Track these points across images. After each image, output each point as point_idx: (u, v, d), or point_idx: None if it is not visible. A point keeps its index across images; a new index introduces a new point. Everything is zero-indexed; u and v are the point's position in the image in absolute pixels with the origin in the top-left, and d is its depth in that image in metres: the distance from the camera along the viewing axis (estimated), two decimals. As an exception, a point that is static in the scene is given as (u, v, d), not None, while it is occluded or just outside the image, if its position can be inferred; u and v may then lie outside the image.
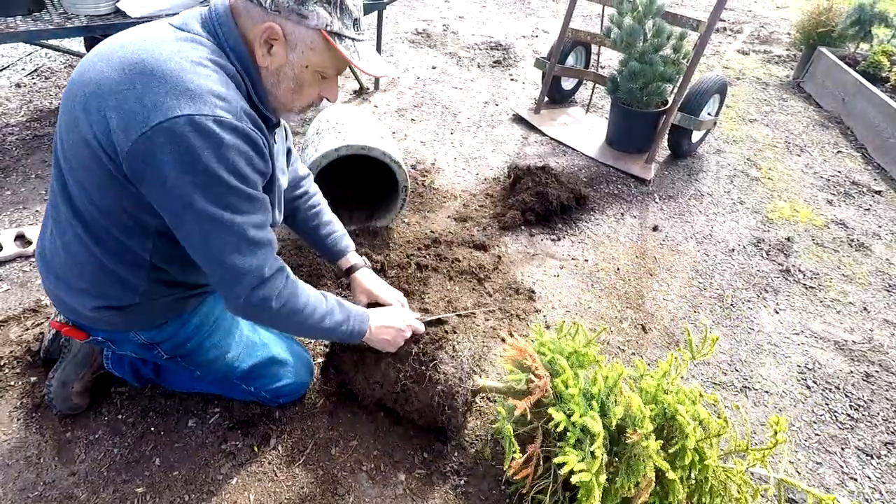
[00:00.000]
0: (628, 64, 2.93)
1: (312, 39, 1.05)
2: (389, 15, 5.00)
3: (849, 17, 4.12)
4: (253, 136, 1.02)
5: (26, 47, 3.77)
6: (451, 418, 1.45)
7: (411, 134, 3.24)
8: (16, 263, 2.06)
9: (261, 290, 1.11)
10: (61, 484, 1.40)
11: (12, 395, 1.58)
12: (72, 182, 1.08)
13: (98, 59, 1.02)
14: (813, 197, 3.00)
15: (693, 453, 1.21)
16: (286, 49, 1.05)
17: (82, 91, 1.00)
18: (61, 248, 1.16)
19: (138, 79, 0.95)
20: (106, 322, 1.23)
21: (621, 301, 2.19)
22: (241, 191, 1.02)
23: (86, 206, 1.08)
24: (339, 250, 1.57)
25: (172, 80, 0.94)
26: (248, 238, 1.06)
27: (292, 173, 1.50)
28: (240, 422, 1.56)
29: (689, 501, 1.29)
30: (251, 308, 1.12)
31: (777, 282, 2.38)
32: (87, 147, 1.00)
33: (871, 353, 2.06)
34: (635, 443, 1.18)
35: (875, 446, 1.73)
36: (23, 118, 3.00)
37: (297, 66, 1.07)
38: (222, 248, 1.04)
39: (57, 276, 1.20)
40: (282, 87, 1.10)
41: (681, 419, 1.21)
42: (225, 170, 0.98)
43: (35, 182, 2.51)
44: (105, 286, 1.17)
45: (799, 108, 3.99)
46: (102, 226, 1.09)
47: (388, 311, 1.42)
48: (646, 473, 1.16)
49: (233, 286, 1.09)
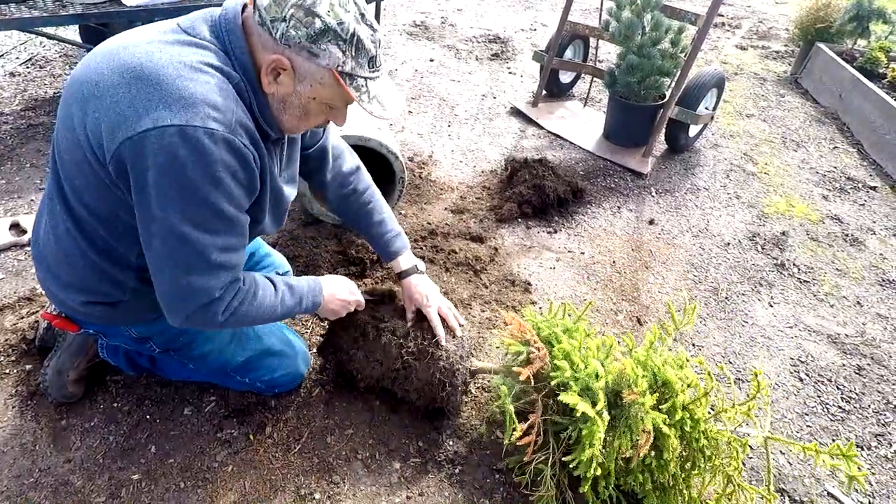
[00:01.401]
0: (626, 57, 2.93)
1: (322, 76, 1.01)
2: (387, 7, 4.98)
3: (847, 13, 4.12)
4: (243, 151, 0.99)
5: (20, 35, 3.74)
6: (450, 396, 1.47)
7: (409, 126, 3.23)
8: (10, 252, 2.06)
9: (208, 309, 1.08)
10: (57, 471, 1.40)
11: (7, 383, 1.58)
12: (65, 178, 1.07)
13: (101, 58, 1.00)
14: (808, 192, 3.01)
15: (684, 412, 1.26)
16: (294, 80, 1.01)
17: (81, 90, 0.99)
18: (53, 241, 1.16)
19: (134, 84, 0.93)
20: (97, 316, 1.24)
21: (617, 293, 2.20)
22: (219, 210, 1.00)
23: (77, 204, 1.07)
24: (391, 252, 1.52)
25: (167, 87, 0.92)
26: (209, 261, 1.03)
27: (336, 170, 1.48)
28: (235, 410, 1.57)
29: (683, 460, 1.33)
30: (194, 323, 1.11)
31: (771, 276, 2.39)
32: (79, 148, 0.99)
33: (864, 346, 2.08)
34: (632, 402, 1.22)
35: (866, 438, 1.75)
36: (17, 107, 2.97)
37: (304, 96, 1.04)
38: (181, 265, 1.02)
39: (48, 269, 1.20)
40: (287, 114, 1.07)
41: (670, 377, 1.27)
42: (208, 184, 0.96)
43: (30, 171, 2.49)
44: (94, 282, 1.17)
45: (796, 104, 4.00)
46: (92, 225, 1.09)
47: (337, 282, 1.41)
48: (643, 428, 1.21)
49: (179, 302, 1.07)
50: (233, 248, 1.07)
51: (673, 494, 1.34)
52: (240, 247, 1.10)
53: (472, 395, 1.69)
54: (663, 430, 1.22)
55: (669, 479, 1.30)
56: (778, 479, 1.59)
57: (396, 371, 1.48)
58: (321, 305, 1.34)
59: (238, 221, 1.06)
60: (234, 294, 1.11)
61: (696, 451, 1.30)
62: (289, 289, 1.26)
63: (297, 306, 1.27)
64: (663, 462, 1.27)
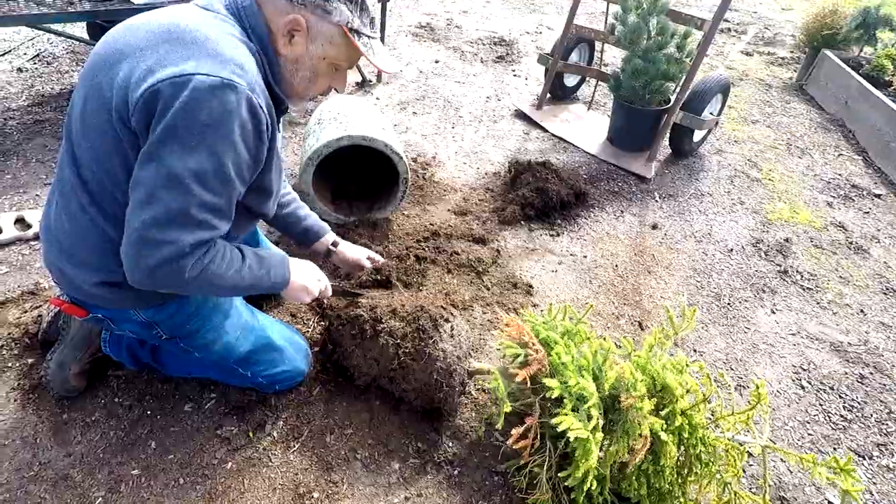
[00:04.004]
0: (631, 61, 2.92)
1: (333, 34, 1.11)
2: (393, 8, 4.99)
3: (853, 20, 4.12)
4: (260, 114, 1.04)
5: (28, 32, 3.76)
6: (448, 396, 1.48)
7: (413, 127, 3.24)
8: (15, 246, 2.07)
9: (176, 262, 1.03)
10: (57, 464, 1.41)
11: (10, 377, 1.59)
12: (83, 150, 1.08)
13: (124, 31, 1.06)
14: (813, 199, 3.00)
15: (682, 418, 1.26)
16: (307, 40, 1.11)
17: (107, 60, 1.04)
18: (66, 220, 1.17)
19: (162, 45, 0.99)
20: (106, 299, 1.23)
21: (619, 298, 2.20)
22: (221, 164, 1.01)
23: (94, 174, 1.09)
24: (320, 229, 1.70)
25: (198, 46, 0.98)
26: (190, 214, 1.01)
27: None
28: (236, 407, 1.57)
29: (680, 466, 1.33)
30: (158, 278, 1.05)
31: (774, 282, 2.38)
32: (107, 111, 1.02)
33: (866, 355, 2.07)
34: (630, 406, 1.22)
35: (867, 447, 1.74)
36: (24, 103, 2.99)
37: (315, 57, 1.13)
38: (162, 211, 0.99)
39: (60, 249, 1.20)
40: (298, 76, 1.15)
41: (670, 382, 1.27)
42: (220, 136, 0.98)
43: (35, 166, 2.51)
44: (107, 258, 1.17)
45: (801, 111, 3.99)
46: (109, 194, 1.10)
47: (306, 269, 1.40)
48: (641, 433, 1.21)
49: (147, 250, 1.01)
50: (218, 210, 1.06)
51: (669, 501, 1.33)
52: (225, 213, 1.09)
53: (471, 397, 1.69)
54: (661, 436, 1.22)
55: (665, 485, 1.30)
56: (778, 487, 1.59)
57: (394, 371, 1.49)
58: (288, 287, 1.32)
59: (233, 185, 1.06)
60: (204, 252, 1.08)
61: (694, 457, 1.30)
62: (257, 259, 1.24)
63: (266, 277, 1.24)
64: (660, 468, 1.26)
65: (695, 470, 1.32)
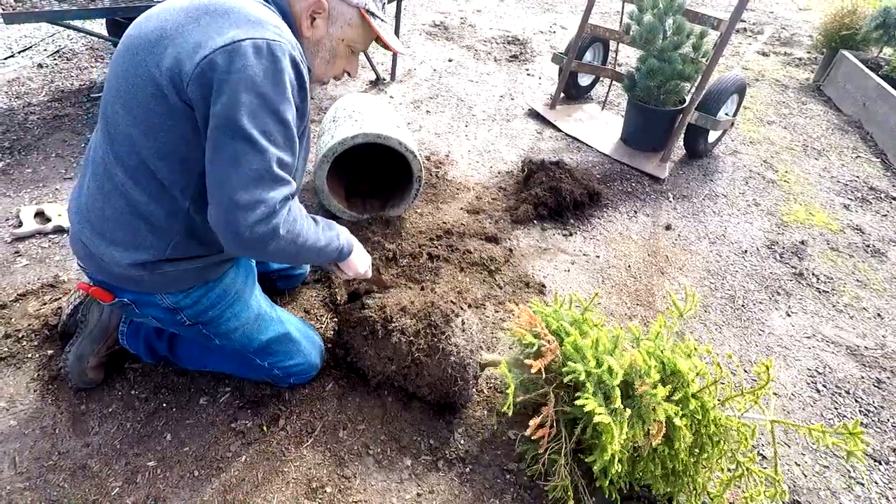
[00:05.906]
0: (647, 61, 2.91)
1: (351, 16, 1.21)
2: (408, 6, 5.00)
3: (873, 20, 4.06)
4: (301, 68, 1.10)
5: (49, 28, 3.82)
6: (462, 390, 1.50)
7: (426, 125, 3.24)
8: (34, 239, 2.10)
9: (269, 221, 1.07)
10: (75, 455, 1.43)
11: (29, 367, 1.62)
12: (122, 127, 1.11)
13: (159, 11, 1.10)
14: (829, 201, 2.96)
15: (695, 401, 1.29)
16: (327, 23, 1.20)
17: (145, 40, 1.07)
18: (101, 200, 1.19)
19: (203, 18, 1.04)
20: (135, 281, 1.24)
21: (631, 298, 2.19)
22: (283, 119, 1.06)
23: (133, 149, 1.11)
24: None
25: (234, 14, 1.04)
26: (272, 171, 1.06)
27: None
28: (250, 401, 1.59)
29: (692, 447, 1.35)
30: (253, 242, 1.07)
31: (790, 285, 2.36)
32: (155, 86, 1.05)
33: (883, 359, 2.04)
34: (644, 392, 1.24)
35: (884, 452, 1.72)
36: (44, 98, 3.04)
37: (335, 38, 1.23)
38: (245, 172, 1.03)
39: (93, 228, 1.22)
40: (318, 58, 1.25)
41: (681, 367, 1.29)
42: (278, 92, 1.04)
43: (55, 161, 2.55)
44: (140, 235, 1.18)
45: (818, 112, 3.94)
46: (147, 169, 1.12)
47: (361, 250, 1.45)
48: (656, 418, 1.23)
49: (241, 214, 1.04)
50: (288, 165, 1.11)
51: (682, 479, 1.35)
52: (293, 167, 1.14)
53: (483, 395, 1.70)
54: (675, 422, 1.23)
55: (680, 465, 1.32)
56: (793, 491, 1.57)
57: (408, 368, 1.50)
58: (350, 256, 1.37)
59: (294, 138, 1.11)
60: (287, 209, 1.11)
61: (706, 436, 1.31)
62: (325, 222, 1.30)
63: (336, 240, 1.30)
64: (674, 451, 1.28)
65: (707, 449, 1.34)
